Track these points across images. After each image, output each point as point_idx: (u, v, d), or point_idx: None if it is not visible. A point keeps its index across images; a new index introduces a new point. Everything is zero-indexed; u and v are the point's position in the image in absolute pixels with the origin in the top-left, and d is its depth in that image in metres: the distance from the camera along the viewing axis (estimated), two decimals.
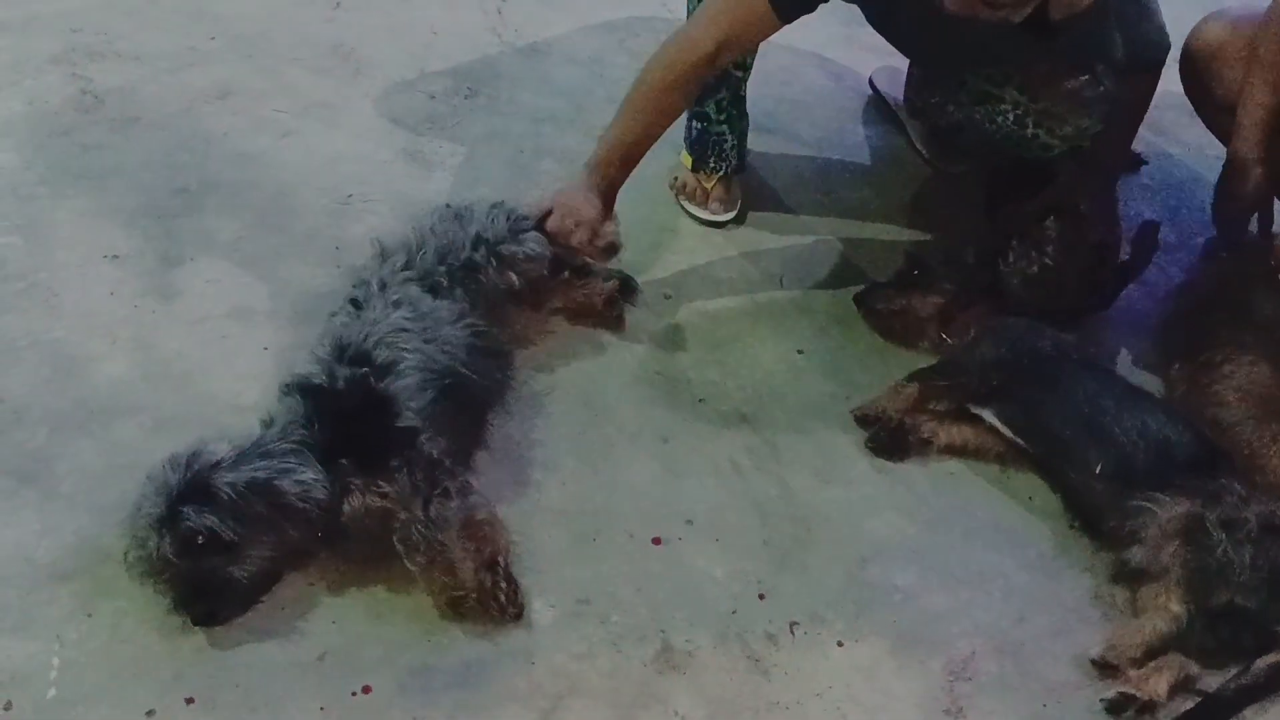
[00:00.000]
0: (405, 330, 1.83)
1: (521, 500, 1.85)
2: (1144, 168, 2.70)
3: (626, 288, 2.19)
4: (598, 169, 2.13)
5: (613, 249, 2.19)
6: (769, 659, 1.70)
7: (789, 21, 2.07)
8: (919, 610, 1.79)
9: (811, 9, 2.08)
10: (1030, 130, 2.27)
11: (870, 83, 2.83)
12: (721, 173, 2.43)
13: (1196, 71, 2.33)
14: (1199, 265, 2.41)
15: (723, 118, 2.38)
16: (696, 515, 1.88)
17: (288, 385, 1.78)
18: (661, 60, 2.11)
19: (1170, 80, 2.35)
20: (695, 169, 2.44)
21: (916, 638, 1.75)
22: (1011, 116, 2.29)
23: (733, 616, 1.74)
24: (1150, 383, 2.16)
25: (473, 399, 1.87)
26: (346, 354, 1.79)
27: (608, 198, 2.14)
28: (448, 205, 2.11)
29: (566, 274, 2.12)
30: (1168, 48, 2.22)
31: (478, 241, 1.98)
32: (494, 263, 1.98)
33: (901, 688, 1.68)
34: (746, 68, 2.35)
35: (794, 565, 1.83)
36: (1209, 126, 2.43)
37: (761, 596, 1.78)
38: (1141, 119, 2.30)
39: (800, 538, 1.87)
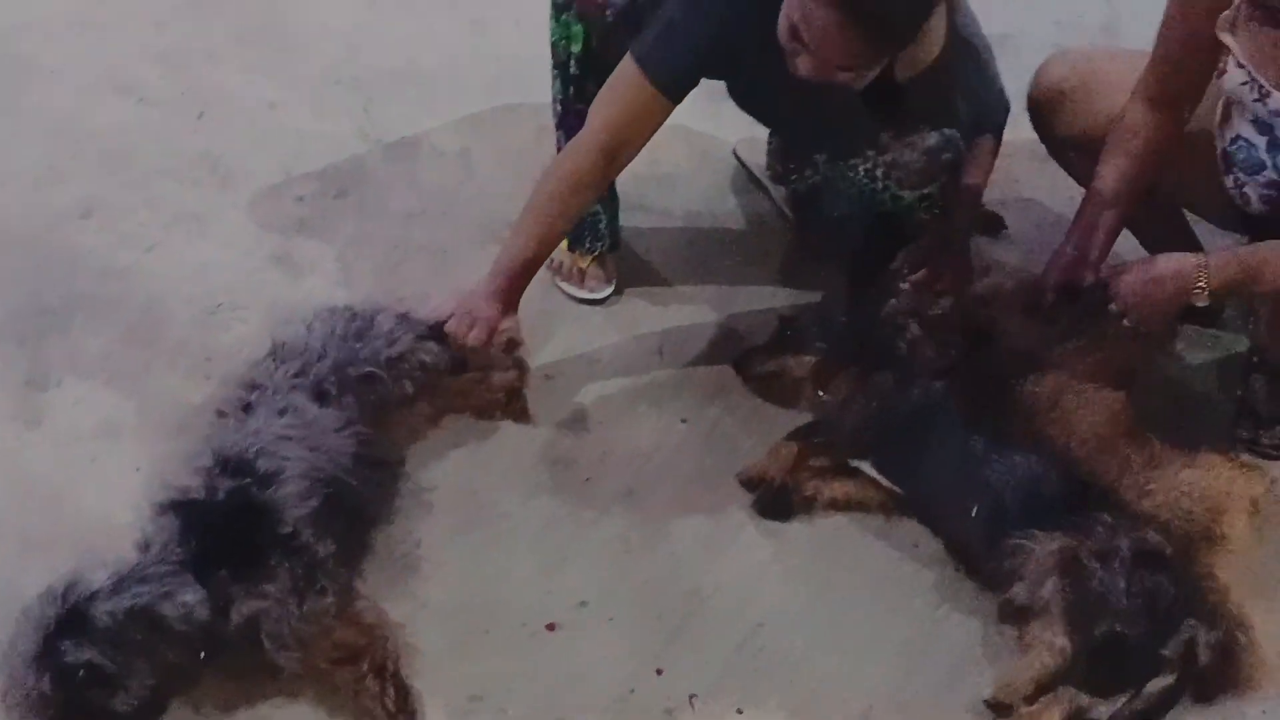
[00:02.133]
0: (289, 439, 1.83)
1: (410, 601, 1.84)
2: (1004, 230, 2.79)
3: (523, 375, 2.20)
4: (499, 276, 2.13)
5: (513, 345, 2.20)
6: None
7: (678, 100, 2.10)
8: (814, 672, 1.81)
9: (695, 83, 2.12)
10: (881, 184, 2.35)
11: (734, 154, 2.90)
12: (596, 251, 2.47)
13: (1041, 111, 2.43)
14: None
15: None
16: (589, 597, 1.88)
17: (163, 503, 1.75)
18: (561, 167, 2.14)
19: (1023, 129, 2.46)
20: (571, 249, 2.47)
21: (813, 700, 1.77)
22: (862, 171, 2.36)
23: (631, 696, 1.75)
24: None
25: (357, 506, 1.87)
26: (229, 465, 1.78)
27: (509, 302, 2.14)
28: (350, 310, 2.10)
29: (468, 373, 2.14)
30: (1007, 111, 2.32)
31: (378, 356, 1.98)
32: (392, 375, 1.99)
33: None
34: None
35: (689, 638, 1.84)
36: (1059, 162, 2.52)
37: (659, 672, 1.78)
38: (987, 178, 2.38)
39: (693, 610, 1.89)
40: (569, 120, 2.34)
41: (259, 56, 3.07)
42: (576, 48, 2.24)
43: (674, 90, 2.08)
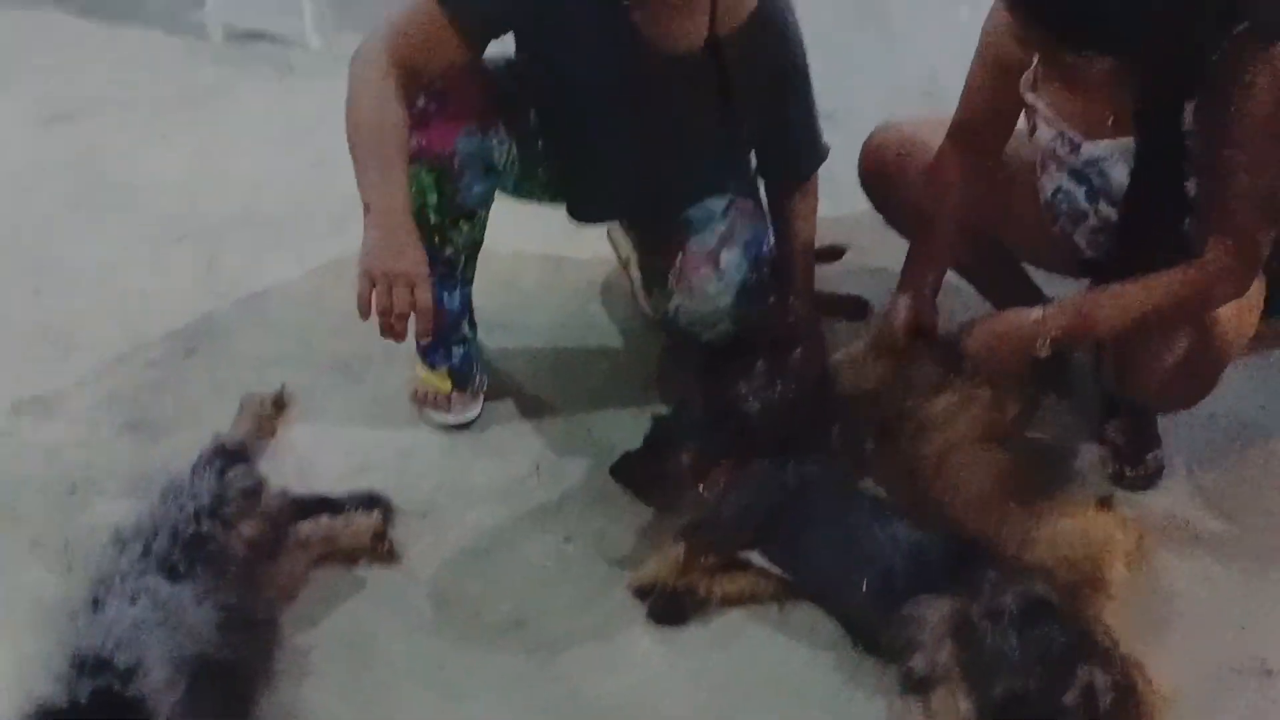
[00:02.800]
0: (146, 625, 1.74)
1: None
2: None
3: (387, 514, 2.15)
4: (387, 211, 1.95)
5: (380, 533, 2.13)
6: None
7: (468, 38, 2.08)
8: None
9: (497, 34, 2.13)
10: (680, 322, 2.40)
11: (608, 234, 2.90)
12: (460, 374, 2.44)
13: (872, 181, 2.51)
14: None
15: None
16: None
17: (27, 716, 1.66)
18: (370, 88, 2.01)
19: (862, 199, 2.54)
20: (434, 369, 2.44)
21: None
22: (661, 310, 2.42)
23: None
24: None
25: (231, 678, 1.78)
26: (86, 665, 1.69)
27: (413, 230, 1.98)
28: (163, 478, 2.02)
29: (324, 519, 2.08)
30: (823, 157, 2.41)
31: (196, 515, 1.92)
32: (218, 527, 1.92)
33: None
34: (468, 280, 2.38)
35: None
36: (895, 229, 2.59)
37: None
38: (813, 228, 2.45)
39: None
40: (435, 263, 2.26)
41: (93, 220, 3.02)
42: (432, 198, 2.21)
43: (467, 23, 2.05)
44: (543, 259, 2.92)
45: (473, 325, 2.46)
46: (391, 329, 1.93)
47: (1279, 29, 1.84)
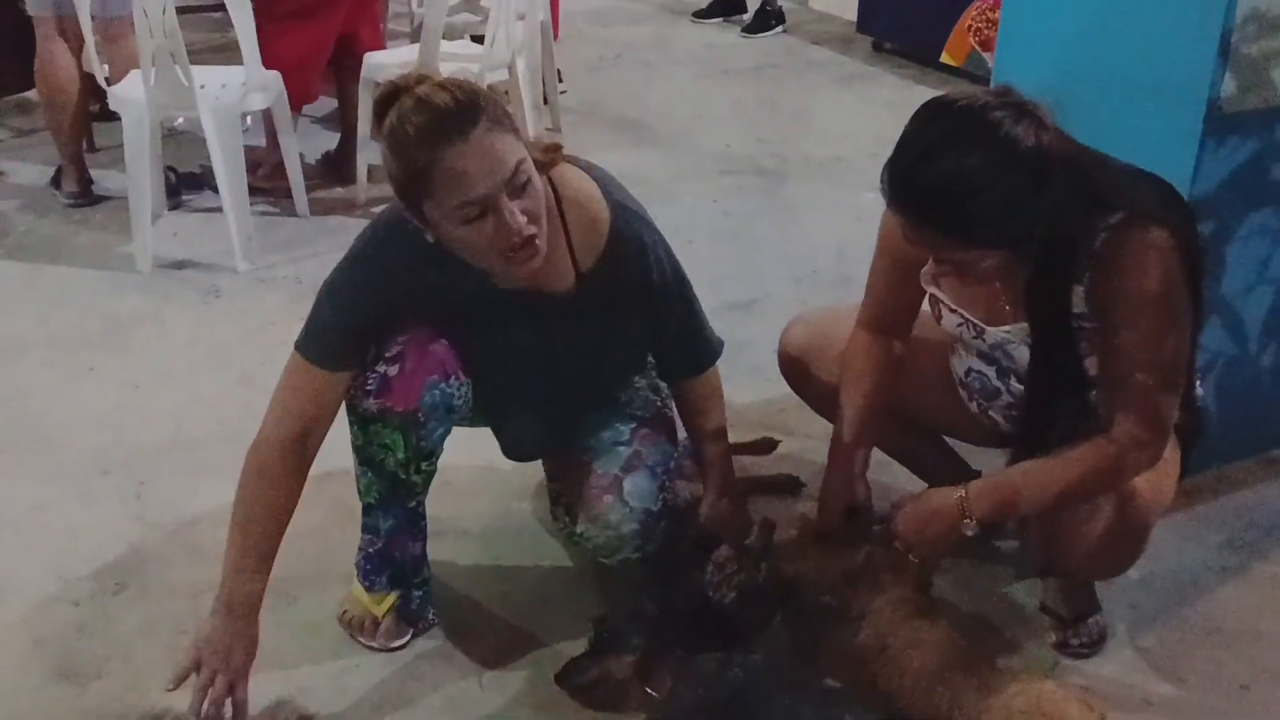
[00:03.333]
0: None
1: None
2: None
3: None
4: (233, 605, 2.11)
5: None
6: None
7: (343, 369, 2.17)
8: None
9: (354, 351, 2.17)
10: (584, 545, 2.42)
11: None
12: (395, 595, 2.40)
13: (791, 370, 2.59)
14: None
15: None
16: None
17: None
18: (257, 475, 2.16)
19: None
20: (370, 591, 2.40)
21: None
22: (566, 533, 2.45)
23: None
24: None
25: None
26: None
27: (253, 623, 2.12)
28: None
29: None
30: (717, 352, 2.45)
31: None
32: None
33: None
34: (426, 479, 2.36)
35: None
36: (817, 412, 2.66)
37: None
38: (722, 415, 2.47)
39: None
40: (393, 510, 2.35)
41: (17, 459, 2.99)
42: (399, 454, 2.24)
43: (334, 363, 2.16)
44: (473, 462, 2.93)
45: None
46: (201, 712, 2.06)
47: (1154, 215, 1.96)
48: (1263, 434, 2.89)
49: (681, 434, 2.54)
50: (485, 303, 2.18)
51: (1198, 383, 2.26)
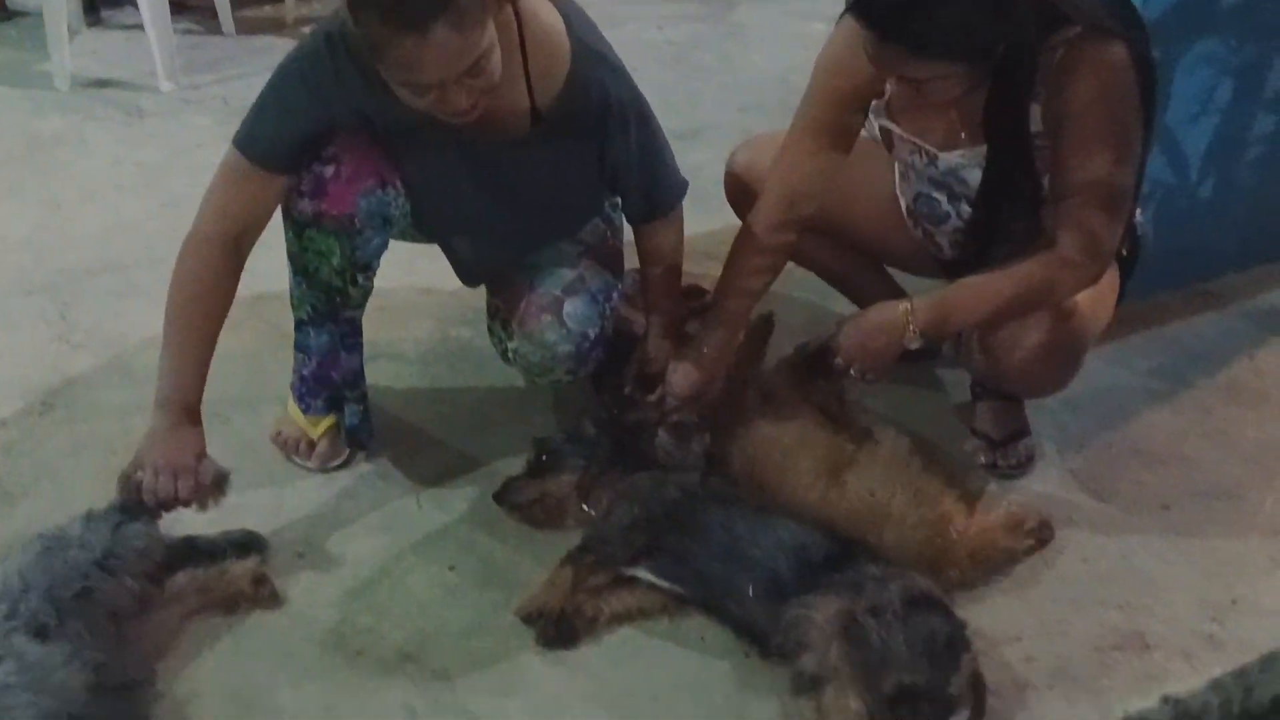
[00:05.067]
0: (11, 687, 1.65)
1: None
2: None
3: (264, 556, 2.09)
4: (171, 403, 2.07)
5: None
6: None
7: (283, 171, 2.11)
8: None
9: (295, 152, 2.10)
10: (516, 364, 2.39)
11: None
12: (332, 419, 2.38)
13: (737, 191, 2.55)
14: None
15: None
16: None
17: None
18: (189, 272, 2.10)
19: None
20: (305, 413, 2.37)
21: None
22: (500, 349, 2.41)
23: None
24: None
25: None
26: None
27: (195, 421, 2.09)
28: (40, 536, 1.93)
29: (199, 571, 2.01)
30: (682, 190, 2.39)
31: (84, 566, 1.83)
32: (107, 580, 1.84)
33: None
34: (362, 294, 2.31)
35: None
36: None
37: None
38: (678, 258, 2.44)
39: None
40: (328, 324, 2.29)
41: None
42: (334, 260, 2.18)
43: (273, 164, 2.09)
44: (411, 284, 2.89)
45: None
46: (160, 509, 2.04)
47: (1111, 29, 1.92)
48: (1197, 265, 2.91)
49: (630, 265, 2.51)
50: (430, 131, 2.09)
51: (1139, 210, 2.26)
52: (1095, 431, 2.49)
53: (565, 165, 2.22)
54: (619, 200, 2.45)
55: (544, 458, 2.27)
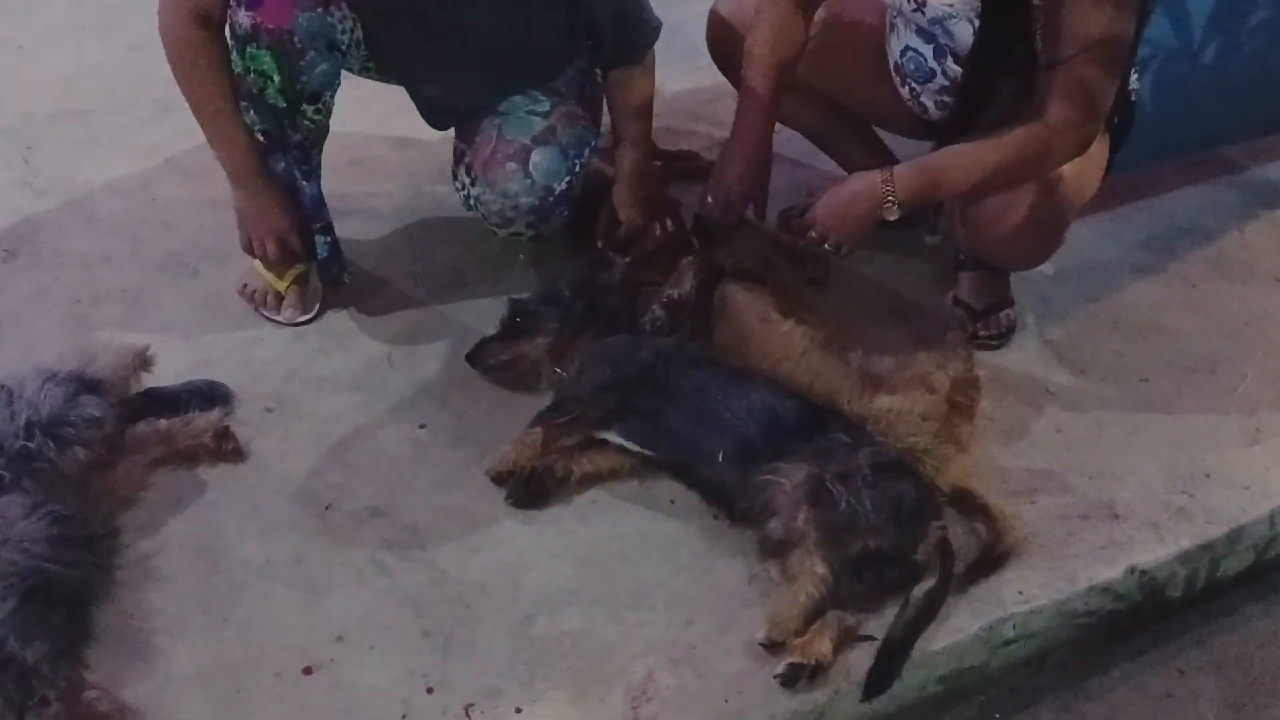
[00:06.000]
0: None
1: (151, 678, 1.69)
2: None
3: (229, 409, 2.06)
4: (241, 176, 2.18)
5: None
6: None
7: None
8: (591, 648, 1.76)
9: None
10: (478, 211, 2.32)
11: None
12: (297, 269, 2.32)
13: (719, 47, 2.46)
14: None
15: None
16: (347, 629, 1.78)
17: None
18: (180, 57, 2.10)
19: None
20: (268, 268, 2.31)
21: (593, 677, 1.72)
22: (463, 195, 2.34)
23: None
24: None
25: (67, 591, 1.70)
26: None
27: (268, 180, 2.19)
28: (2, 386, 1.90)
29: (161, 421, 1.98)
30: (656, 31, 2.31)
31: (28, 427, 1.80)
32: (51, 445, 1.81)
33: None
34: (315, 129, 2.20)
35: (459, 647, 1.76)
36: (736, 89, 2.54)
37: (430, 690, 1.70)
38: (649, 104, 2.36)
39: (460, 616, 1.81)
40: (281, 151, 2.19)
41: None
42: (275, 79, 2.08)
43: None
44: (386, 138, 2.80)
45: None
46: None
47: None
48: (1194, 134, 2.83)
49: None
50: None
51: (1134, 76, 2.18)
52: (1078, 303, 2.45)
53: (532, 1, 2.13)
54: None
55: (518, 319, 2.23)
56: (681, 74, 2.93)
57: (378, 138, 2.81)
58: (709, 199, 2.23)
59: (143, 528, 1.90)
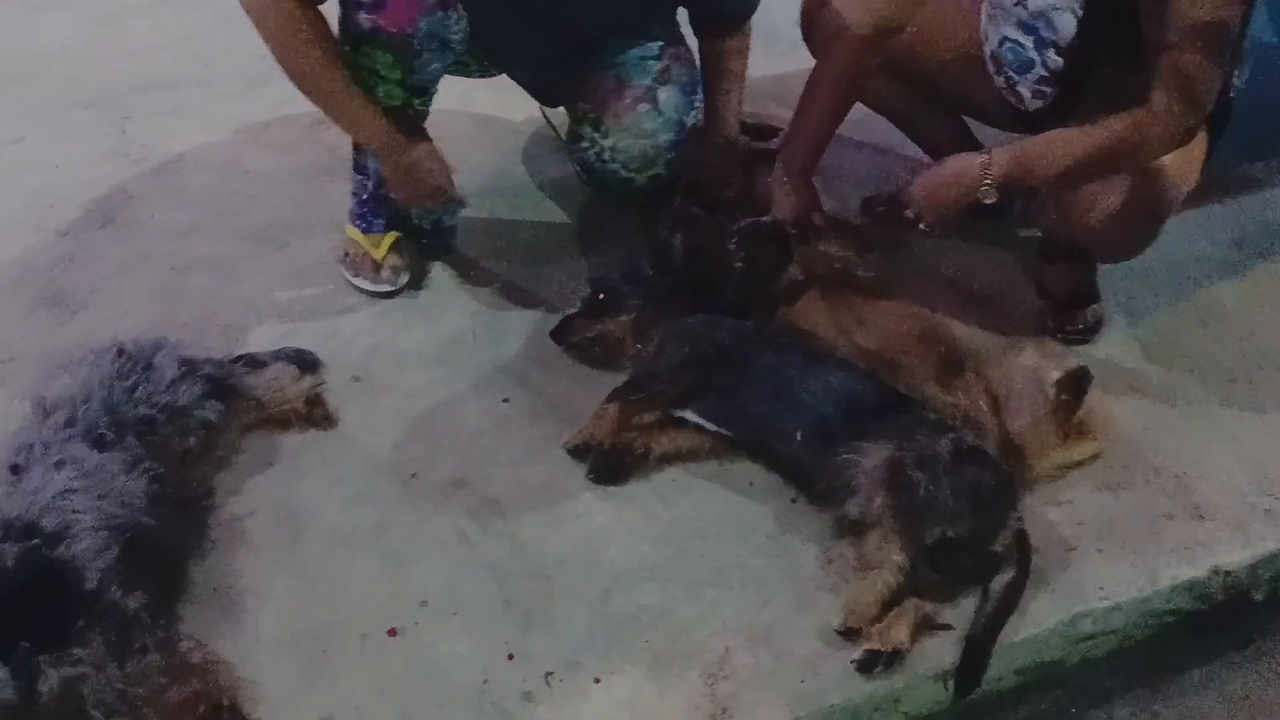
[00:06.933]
0: (73, 491, 1.69)
1: (240, 636, 1.73)
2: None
3: (317, 376, 2.11)
4: (390, 145, 2.16)
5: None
6: (529, 718, 1.64)
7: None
8: (668, 625, 1.78)
9: None
10: (611, 166, 2.34)
11: (541, 111, 2.82)
12: (393, 236, 2.36)
13: (811, 25, 2.45)
14: None
15: None
16: (430, 595, 1.81)
17: None
18: (284, 39, 2.05)
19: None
20: (366, 233, 2.35)
21: (671, 653, 1.74)
22: (591, 154, 2.35)
23: (485, 686, 1.68)
24: None
25: (163, 547, 1.75)
26: (10, 529, 1.63)
27: (422, 137, 2.22)
28: (120, 349, 1.93)
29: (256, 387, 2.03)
30: (754, 5, 2.33)
31: (157, 401, 1.85)
32: (174, 425, 1.86)
33: (665, 707, 1.66)
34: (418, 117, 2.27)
35: (539, 619, 1.79)
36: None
37: (510, 657, 1.72)
38: (743, 78, 2.38)
39: (540, 590, 1.83)
40: None
41: None
42: (392, 80, 2.13)
43: None
44: (470, 118, 2.83)
45: None
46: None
47: None
48: None
49: None
50: None
51: (1235, 74, 2.14)
52: (1165, 301, 2.42)
53: None
54: None
55: (601, 297, 2.25)
56: (767, 57, 2.92)
57: (462, 115, 2.84)
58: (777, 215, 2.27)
59: (234, 491, 1.95)
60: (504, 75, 2.47)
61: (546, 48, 2.30)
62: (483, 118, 2.84)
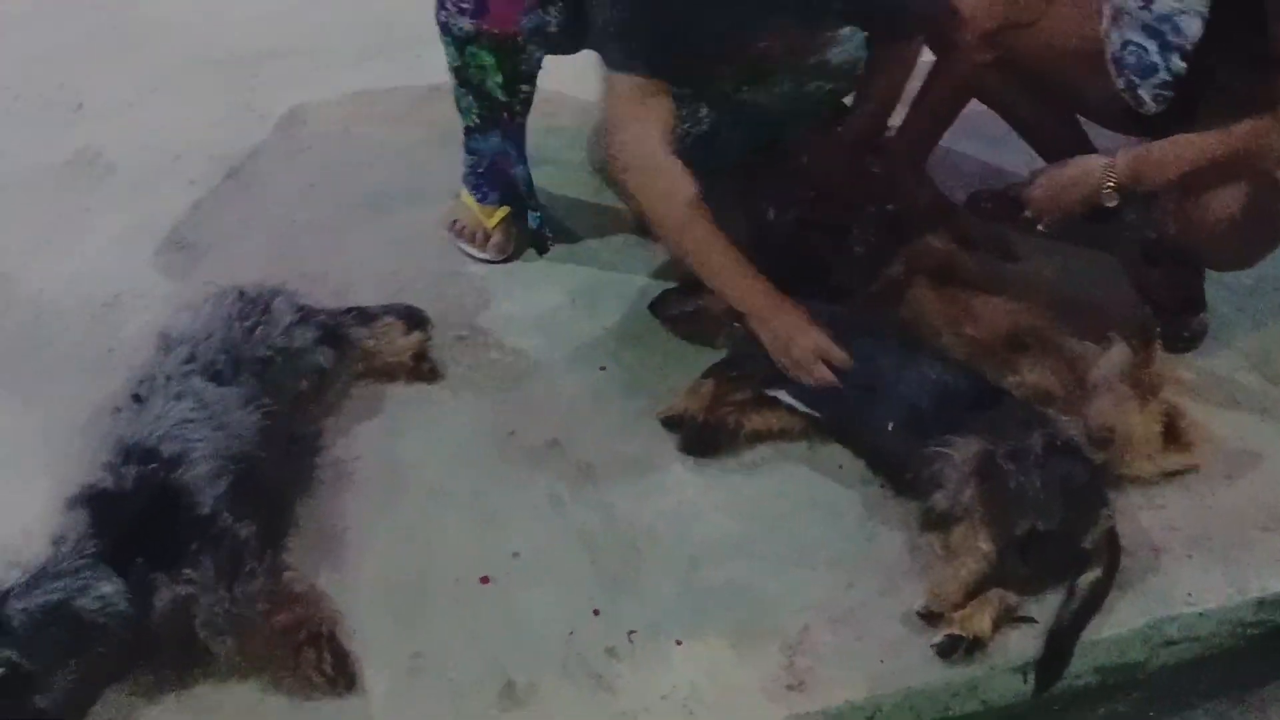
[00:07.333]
0: (191, 421, 1.78)
1: (340, 571, 1.81)
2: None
3: (424, 332, 2.17)
4: (761, 308, 2.07)
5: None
6: (611, 673, 1.70)
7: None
8: (752, 599, 1.81)
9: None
10: (810, 85, 2.35)
11: None
12: (505, 210, 2.42)
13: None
14: None
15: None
16: (522, 549, 1.87)
17: (72, 498, 1.70)
18: (660, 188, 2.08)
19: None
20: (482, 202, 2.42)
21: (753, 626, 1.77)
22: (787, 85, 2.35)
23: (570, 639, 1.73)
24: None
25: (273, 481, 1.83)
26: (132, 454, 1.73)
27: (784, 304, 2.08)
28: (241, 292, 2.03)
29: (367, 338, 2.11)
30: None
31: (274, 343, 1.94)
32: (287, 367, 1.95)
33: (743, 675, 1.70)
34: (525, 102, 2.35)
35: (626, 584, 1.83)
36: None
37: (596, 613, 1.77)
38: (904, 81, 2.37)
39: (628, 557, 1.87)
40: (496, 129, 2.33)
41: (125, 50, 3.00)
42: (496, 77, 2.23)
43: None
44: (579, 99, 2.87)
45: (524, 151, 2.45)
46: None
47: None
48: None
49: None
50: None
51: None
52: (1274, 314, 2.38)
53: None
54: None
55: None
56: None
57: (570, 99, 2.89)
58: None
59: (342, 434, 2.03)
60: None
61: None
62: (590, 99, 2.88)
